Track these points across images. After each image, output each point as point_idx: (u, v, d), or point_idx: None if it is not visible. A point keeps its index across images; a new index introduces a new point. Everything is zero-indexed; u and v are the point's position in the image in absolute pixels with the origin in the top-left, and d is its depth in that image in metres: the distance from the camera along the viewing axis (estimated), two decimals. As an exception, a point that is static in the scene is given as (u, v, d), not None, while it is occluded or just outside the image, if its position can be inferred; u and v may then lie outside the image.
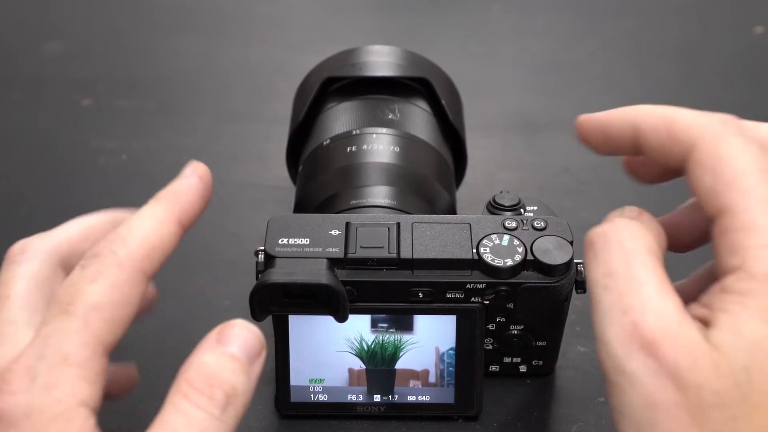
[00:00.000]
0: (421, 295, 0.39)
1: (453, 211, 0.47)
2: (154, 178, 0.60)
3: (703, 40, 0.76)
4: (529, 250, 0.39)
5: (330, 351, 0.40)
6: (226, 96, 0.70)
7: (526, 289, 0.39)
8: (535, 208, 0.44)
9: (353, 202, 0.44)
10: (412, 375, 0.41)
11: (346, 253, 0.39)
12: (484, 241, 0.39)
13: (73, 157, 0.63)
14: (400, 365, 0.41)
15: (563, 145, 0.64)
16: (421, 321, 0.40)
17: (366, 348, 0.40)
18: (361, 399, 0.41)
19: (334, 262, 0.38)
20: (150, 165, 0.62)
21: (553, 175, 0.61)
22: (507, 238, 0.39)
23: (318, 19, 0.80)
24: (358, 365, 0.40)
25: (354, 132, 0.48)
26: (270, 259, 0.38)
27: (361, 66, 0.52)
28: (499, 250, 0.39)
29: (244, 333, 0.31)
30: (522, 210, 0.43)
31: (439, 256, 0.39)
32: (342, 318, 0.38)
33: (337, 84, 0.52)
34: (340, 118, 0.49)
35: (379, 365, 0.40)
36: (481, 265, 0.39)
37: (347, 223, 0.40)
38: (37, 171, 0.62)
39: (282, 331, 0.40)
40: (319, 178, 0.46)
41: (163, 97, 0.69)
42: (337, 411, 0.41)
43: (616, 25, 0.78)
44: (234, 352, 0.31)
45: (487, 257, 0.38)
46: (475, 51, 0.75)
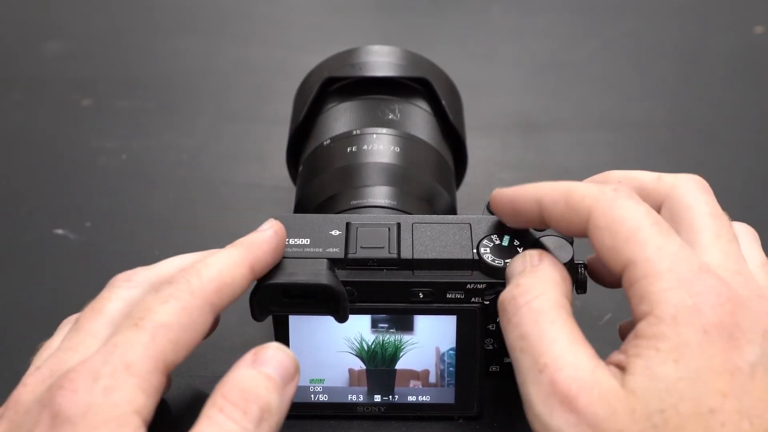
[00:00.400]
0: (421, 296, 0.39)
1: (453, 211, 0.47)
2: (154, 178, 0.61)
3: (703, 40, 0.76)
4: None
5: (330, 351, 0.40)
6: (226, 96, 0.70)
7: (527, 289, 0.39)
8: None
9: (353, 203, 0.44)
10: (413, 375, 0.41)
11: (346, 253, 0.39)
12: (485, 242, 0.39)
13: (73, 157, 0.63)
14: (400, 365, 0.40)
15: (563, 145, 0.64)
16: (421, 321, 0.40)
17: (366, 348, 0.40)
18: (361, 399, 0.41)
19: (335, 263, 0.38)
20: (150, 165, 0.62)
21: (553, 175, 0.60)
22: (507, 238, 0.39)
23: (318, 19, 0.80)
24: (359, 365, 0.40)
25: (354, 132, 0.48)
26: (270, 259, 0.38)
27: (361, 66, 0.52)
28: (500, 250, 0.39)
29: (279, 355, 0.32)
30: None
31: (439, 257, 0.39)
32: (342, 318, 0.38)
33: (337, 84, 0.52)
34: (341, 118, 0.49)
35: (379, 365, 0.40)
36: (481, 265, 0.39)
37: (347, 224, 0.40)
38: (37, 171, 0.62)
39: (282, 331, 0.40)
40: (319, 178, 0.46)
41: (163, 97, 0.69)
42: (337, 411, 0.41)
43: (616, 25, 0.78)
44: (269, 372, 0.32)
45: (488, 257, 0.38)
46: (475, 51, 0.75)
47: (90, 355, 0.31)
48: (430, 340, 0.40)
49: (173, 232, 0.56)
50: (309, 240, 0.39)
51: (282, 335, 0.40)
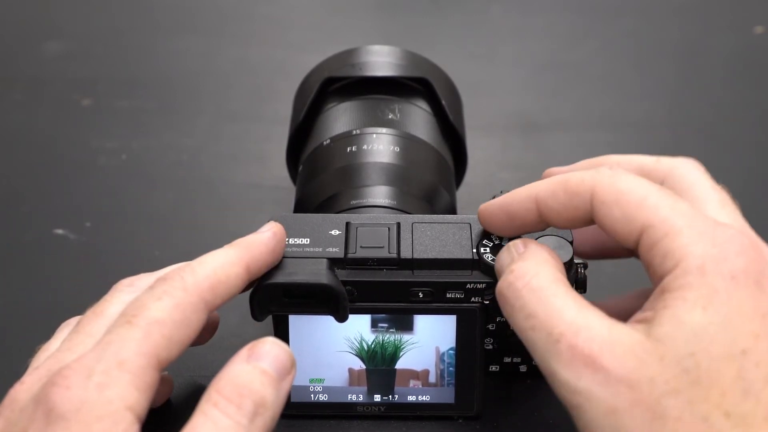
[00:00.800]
0: (421, 295, 0.39)
1: (453, 211, 0.47)
2: (154, 178, 0.61)
3: (703, 40, 0.76)
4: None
5: (330, 351, 0.40)
6: (226, 96, 0.70)
7: (526, 289, 0.39)
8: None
9: (353, 202, 0.44)
10: (412, 375, 0.41)
11: (346, 253, 0.39)
12: (485, 241, 0.39)
13: (73, 157, 0.63)
14: (400, 365, 0.40)
15: (563, 145, 0.64)
16: (421, 321, 0.40)
17: (366, 348, 0.40)
18: (361, 399, 0.41)
19: (335, 262, 0.38)
20: (150, 165, 0.62)
21: (553, 175, 0.61)
22: (507, 238, 0.39)
23: (318, 19, 0.80)
24: (358, 365, 0.40)
25: (354, 132, 0.48)
26: (270, 259, 0.38)
27: (361, 66, 0.52)
28: (499, 250, 0.39)
29: (275, 350, 0.32)
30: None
31: (439, 256, 0.39)
32: (342, 318, 0.38)
33: (337, 84, 0.52)
34: (340, 118, 0.49)
35: (379, 365, 0.40)
36: (481, 265, 0.39)
37: (347, 223, 0.40)
38: (37, 171, 0.62)
39: (282, 331, 0.40)
40: (319, 178, 0.46)
41: (163, 97, 0.69)
42: (337, 411, 0.41)
43: (616, 25, 0.78)
44: (265, 367, 0.32)
45: (488, 257, 0.38)
46: (475, 51, 0.75)
47: (84, 353, 0.31)
48: (429, 340, 0.40)
49: (173, 232, 0.56)
50: (309, 240, 0.39)
51: (282, 335, 0.40)
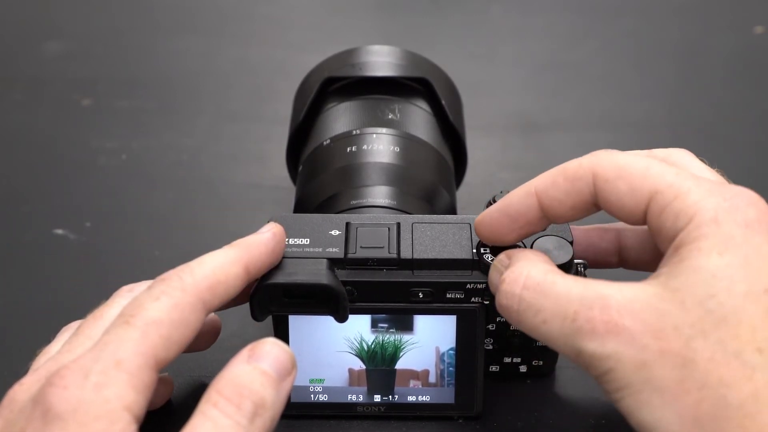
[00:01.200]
0: (421, 295, 0.39)
1: (453, 211, 0.47)
2: (154, 178, 0.61)
3: (703, 40, 0.76)
4: None
5: (330, 351, 0.40)
6: (226, 96, 0.70)
7: (526, 289, 0.39)
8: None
9: (353, 202, 0.44)
10: (412, 375, 0.41)
11: (346, 253, 0.39)
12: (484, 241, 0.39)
13: (73, 157, 0.63)
14: (400, 365, 0.40)
15: (563, 145, 0.64)
16: (421, 321, 0.40)
17: (366, 348, 0.40)
18: (361, 399, 0.41)
19: (335, 262, 0.38)
20: (150, 165, 0.62)
21: (553, 175, 0.61)
22: (507, 238, 0.39)
23: (318, 19, 0.80)
24: (358, 365, 0.40)
25: (354, 132, 0.48)
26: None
27: (361, 66, 0.52)
28: (499, 250, 0.39)
29: (275, 351, 0.32)
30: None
31: (439, 256, 0.39)
32: (342, 318, 0.38)
33: (337, 84, 0.52)
34: (340, 118, 0.49)
35: (379, 365, 0.40)
36: (481, 265, 0.39)
37: (347, 223, 0.40)
38: (37, 171, 0.62)
39: (282, 331, 0.40)
40: (319, 178, 0.46)
41: (163, 97, 0.69)
42: (337, 411, 0.41)
43: (616, 25, 0.78)
44: (265, 368, 0.32)
45: (488, 257, 0.38)
46: (475, 51, 0.75)
47: (82, 354, 0.31)
48: (429, 340, 0.40)
49: (173, 232, 0.56)
50: (309, 240, 0.39)
51: (282, 335, 0.40)
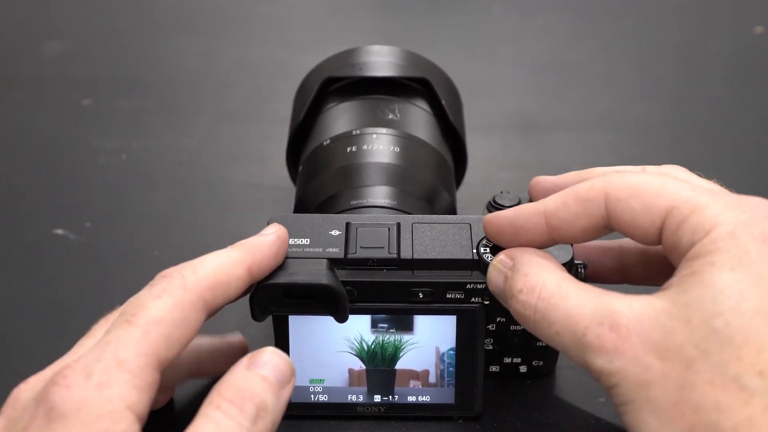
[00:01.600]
0: (421, 296, 0.39)
1: (453, 211, 0.47)
2: (154, 178, 0.61)
3: (703, 40, 0.76)
4: None
5: (330, 351, 0.40)
6: (226, 96, 0.70)
7: (526, 289, 0.39)
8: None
9: (353, 203, 0.44)
10: (413, 375, 0.41)
11: (346, 253, 0.39)
12: (484, 242, 0.39)
13: (73, 157, 0.63)
14: (400, 365, 0.40)
15: (563, 145, 0.64)
16: (421, 321, 0.40)
17: (366, 348, 0.40)
18: (361, 399, 0.41)
19: (334, 263, 0.38)
20: (150, 165, 0.62)
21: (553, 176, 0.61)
22: (507, 238, 0.39)
23: (318, 19, 0.80)
24: (358, 365, 0.40)
25: (354, 132, 0.48)
26: (270, 259, 0.38)
27: (361, 66, 0.52)
28: (499, 250, 0.39)
29: (274, 359, 0.33)
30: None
31: (439, 257, 0.39)
32: (342, 318, 0.38)
33: (337, 84, 0.52)
34: (340, 118, 0.49)
35: (379, 365, 0.40)
36: (481, 265, 0.39)
37: (347, 224, 0.40)
38: (37, 171, 0.62)
39: (282, 331, 0.40)
40: (319, 178, 0.46)
41: (163, 97, 0.69)
42: (337, 411, 0.41)
43: (616, 25, 0.78)
44: (265, 374, 0.32)
45: (488, 257, 0.38)
46: (475, 51, 0.75)
47: (85, 353, 0.31)
48: (429, 340, 0.40)
49: (173, 232, 0.56)
50: (309, 240, 0.39)
51: (282, 335, 0.40)
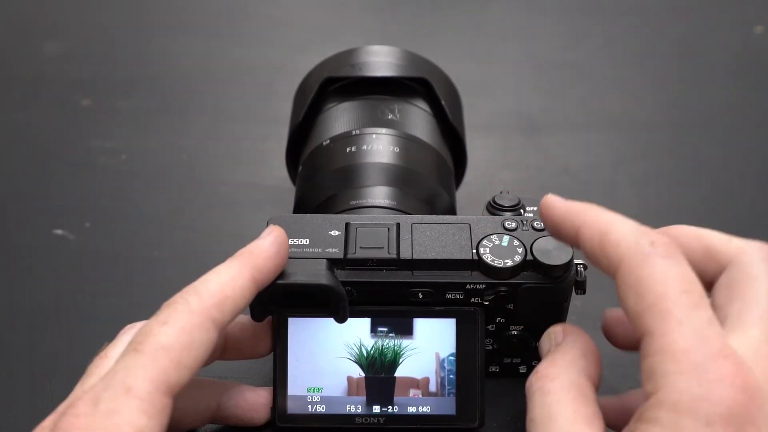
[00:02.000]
0: (420, 296, 0.39)
1: (453, 211, 0.47)
2: (154, 178, 0.61)
3: (703, 39, 0.76)
4: (528, 251, 0.39)
5: (329, 358, 0.40)
6: (226, 96, 0.70)
7: (526, 289, 0.39)
8: (535, 209, 0.44)
9: (353, 203, 0.44)
10: (412, 383, 0.40)
11: (345, 253, 0.39)
12: (484, 242, 0.39)
13: (72, 157, 0.63)
14: (399, 373, 0.40)
15: (563, 145, 0.64)
16: (420, 325, 0.40)
17: (365, 354, 0.40)
18: (360, 410, 0.40)
19: (334, 263, 0.38)
20: (150, 165, 0.62)
21: (553, 176, 0.61)
22: (507, 238, 0.39)
23: (318, 19, 0.79)
24: (357, 373, 0.40)
25: (354, 132, 0.48)
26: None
27: (360, 66, 0.52)
28: (499, 250, 0.39)
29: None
30: (522, 210, 0.43)
31: (438, 257, 0.39)
32: (342, 319, 0.38)
33: (336, 84, 0.52)
34: (340, 118, 0.49)
35: (378, 372, 0.40)
36: (480, 265, 0.39)
37: (347, 224, 0.40)
38: (36, 171, 0.62)
39: (282, 332, 0.40)
40: (318, 178, 0.46)
41: (162, 97, 0.69)
42: (335, 423, 0.40)
43: (616, 25, 0.78)
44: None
45: (487, 258, 0.38)
46: (475, 51, 0.75)
47: (94, 384, 0.31)
48: (429, 346, 0.40)
49: (173, 232, 0.56)
50: (308, 240, 0.39)
51: (282, 336, 0.40)
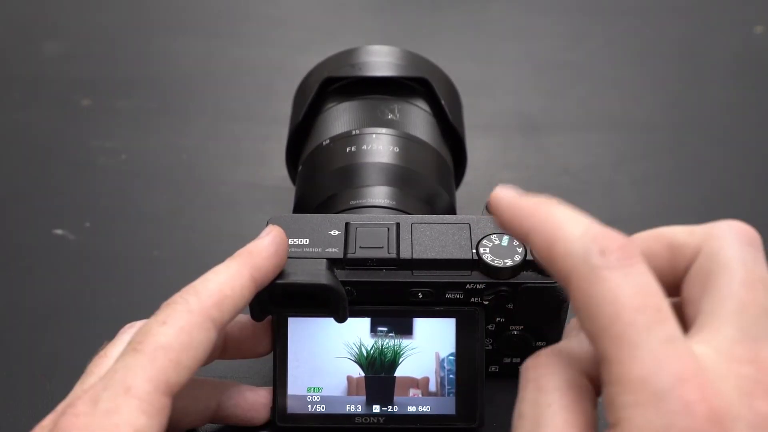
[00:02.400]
0: (420, 296, 0.39)
1: (453, 211, 0.47)
2: (154, 178, 0.61)
3: (703, 39, 0.76)
4: (528, 251, 0.39)
5: (329, 357, 0.40)
6: (226, 96, 0.70)
7: (526, 289, 0.39)
8: (535, 209, 0.43)
9: (353, 203, 0.44)
10: (412, 383, 0.40)
11: (345, 253, 0.39)
12: (484, 242, 0.39)
13: (73, 157, 0.63)
14: (399, 372, 0.40)
15: (563, 145, 0.64)
16: (420, 325, 0.40)
17: (365, 354, 0.40)
18: (359, 410, 0.40)
19: (334, 263, 0.38)
20: (150, 165, 0.62)
21: (553, 176, 0.61)
22: (507, 238, 0.39)
23: (318, 19, 0.79)
24: (357, 372, 0.40)
25: (353, 132, 0.48)
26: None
27: (360, 66, 0.52)
28: (499, 250, 0.39)
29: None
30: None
31: (438, 257, 0.39)
32: (341, 318, 0.38)
33: (336, 84, 0.52)
34: (340, 118, 0.49)
35: (378, 372, 0.40)
36: (480, 265, 0.39)
37: (347, 224, 0.40)
38: (36, 171, 0.62)
39: (282, 332, 0.40)
40: (318, 178, 0.46)
41: (162, 97, 0.69)
42: (335, 423, 0.40)
43: (616, 25, 0.78)
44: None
45: (487, 257, 0.38)
46: (475, 51, 0.75)
47: (94, 383, 0.31)
48: (429, 345, 0.40)
49: (173, 232, 0.56)
50: (308, 240, 0.39)
51: (282, 337, 0.40)
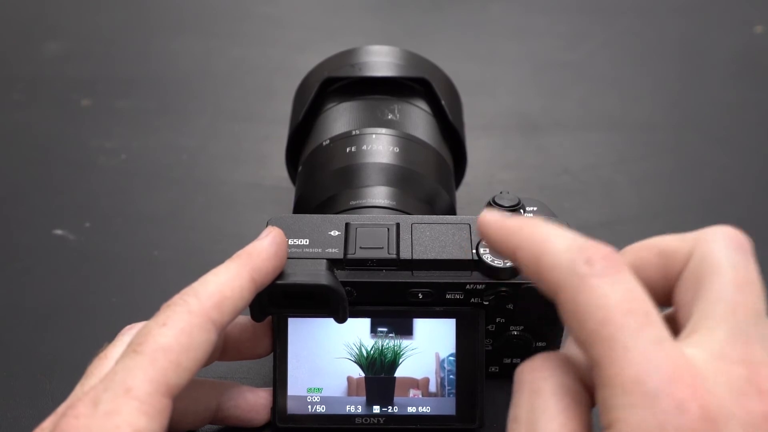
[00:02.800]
0: (420, 296, 0.39)
1: (453, 211, 0.47)
2: (154, 178, 0.61)
3: (703, 39, 0.76)
4: None
5: (329, 358, 0.40)
6: (226, 96, 0.70)
7: (526, 290, 0.39)
8: (535, 209, 0.44)
9: (353, 203, 0.44)
10: (412, 384, 0.40)
11: (345, 253, 0.39)
12: (484, 242, 0.39)
13: (73, 157, 0.63)
14: (399, 373, 0.40)
15: (563, 145, 0.64)
16: (420, 325, 0.40)
17: (365, 354, 0.40)
18: (359, 411, 0.40)
19: (334, 263, 0.38)
20: (150, 165, 0.62)
21: (553, 176, 0.61)
22: (507, 238, 0.39)
23: (318, 19, 0.80)
24: (357, 373, 0.40)
25: (353, 132, 0.48)
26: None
27: (360, 66, 0.52)
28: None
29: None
30: (522, 210, 0.43)
31: (438, 257, 0.39)
32: (341, 319, 0.38)
33: (336, 84, 0.52)
34: (340, 118, 0.49)
35: (378, 373, 0.40)
36: (480, 265, 0.39)
37: (347, 224, 0.40)
38: (36, 171, 0.62)
39: (282, 333, 0.40)
40: (318, 178, 0.46)
41: (162, 97, 0.69)
42: (335, 423, 0.40)
43: (616, 25, 0.78)
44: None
45: (487, 258, 0.38)
46: (475, 51, 0.75)
47: (94, 385, 0.31)
48: (429, 345, 0.40)
49: (173, 232, 0.56)
50: (308, 240, 0.39)
51: (282, 337, 0.40)
